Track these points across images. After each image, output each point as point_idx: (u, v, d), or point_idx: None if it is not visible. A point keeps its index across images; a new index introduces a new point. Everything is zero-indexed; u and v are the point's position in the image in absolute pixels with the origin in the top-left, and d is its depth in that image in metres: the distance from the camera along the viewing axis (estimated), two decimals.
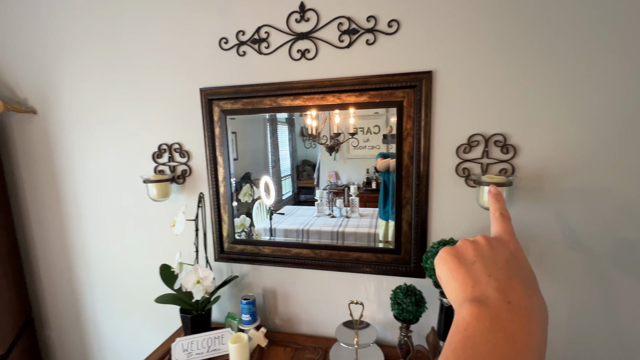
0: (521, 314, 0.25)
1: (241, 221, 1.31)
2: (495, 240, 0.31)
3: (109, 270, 1.43)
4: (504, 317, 0.24)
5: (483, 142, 0.98)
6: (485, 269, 0.28)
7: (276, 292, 1.26)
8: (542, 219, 0.97)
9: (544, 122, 0.92)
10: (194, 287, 1.02)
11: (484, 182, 0.91)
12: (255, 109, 1.14)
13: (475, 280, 0.28)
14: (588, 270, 0.96)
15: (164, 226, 1.28)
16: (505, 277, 0.27)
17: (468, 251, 0.30)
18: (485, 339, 0.24)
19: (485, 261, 0.29)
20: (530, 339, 0.24)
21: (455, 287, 0.29)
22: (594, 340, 0.98)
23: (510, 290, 0.26)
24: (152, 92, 1.23)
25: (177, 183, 1.26)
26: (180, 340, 1.06)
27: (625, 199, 0.90)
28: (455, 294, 0.29)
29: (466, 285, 0.28)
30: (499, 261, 0.29)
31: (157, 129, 1.25)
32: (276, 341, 1.17)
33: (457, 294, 0.28)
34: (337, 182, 1.24)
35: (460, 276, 0.29)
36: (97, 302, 1.49)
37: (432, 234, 1.06)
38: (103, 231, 1.40)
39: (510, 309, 0.25)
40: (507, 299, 0.25)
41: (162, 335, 1.26)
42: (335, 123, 1.14)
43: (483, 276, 0.28)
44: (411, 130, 1.02)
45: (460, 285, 0.28)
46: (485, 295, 0.26)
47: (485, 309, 0.25)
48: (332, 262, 1.15)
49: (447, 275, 0.30)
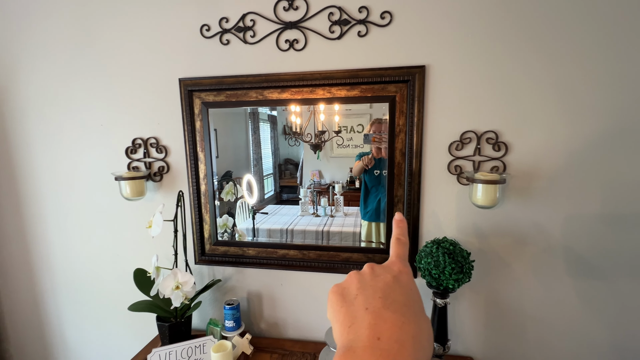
0: (389, 350, 0.23)
1: (224, 221, 1.23)
2: (380, 267, 0.31)
3: (77, 276, 1.31)
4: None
5: (475, 139, 0.96)
6: (364, 301, 0.27)
7: (262, 296, 1.19)
8: (533, 216, 0.96)
9: (536, 120, 0.92)
10: (172, 293, 0.94)
11: (477, 180, 0.89)
12: (240, 102, 1.07)
13: (352, 319, 0.26)
14: (578, 267, 0.97)
15: (140, 227, 1.19)
16: (380, 306, 0.26)
17: (353, 284, 0.30)
18: None
19: (366, 292, 0.28)
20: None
21: (336, 330, 0.27)
22: (573, 338, 1.00)
23: (383, 323, 0.25)
24: (125, 81, 1.13)
25: (153, 181, 1.17)
26: (157, 350, 0.98)
27: (615, 197, 0.92)
28: (337, 337, 0.27)
29: (344, 326, 0.26)
30: (377, 289, 0.28)
31: (131, 121, 1.15)
32: (262, 347, 1.11)
33: (337, 338, 0.27)
34: (320, 181, 1.20)
35: (341, 316, 0.27)
36: (63, 311, 1.36)
37: (424, 233, 1.03)
38: (70, 233, 1.28)
39: (378, 346, 0.23)
40: (377, 335, 0.24)
41: (137, 346, 1.16)
42: (320, 120, 1.11)
43: (360, 311, 0.27)
44: (403, 127, 0.99)
45: (340, 327, 0.27)
46: (357, 336, 0.25)
47: (352, 355, 0.24)
48: (320, 263, 1.11)
49: (332, 317, 0.29)
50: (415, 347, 0.24)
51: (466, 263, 0.84)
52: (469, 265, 0.84)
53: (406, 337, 0.24)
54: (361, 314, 0.26)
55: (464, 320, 1.06)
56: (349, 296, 0.29)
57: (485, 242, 1.00)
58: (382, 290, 0.28)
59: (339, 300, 0.29)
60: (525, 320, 1.02)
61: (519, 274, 1.00)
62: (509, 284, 1.01)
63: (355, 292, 0.28)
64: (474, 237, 1.01)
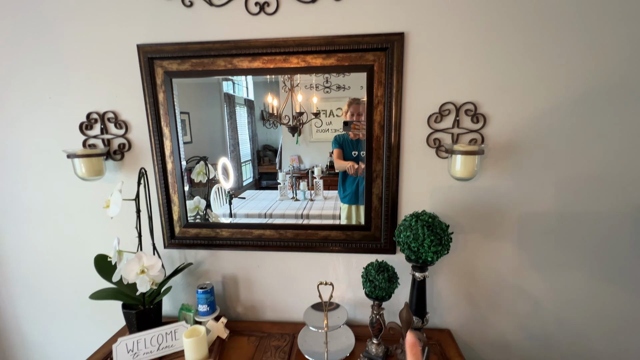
0: None
1: (195, 203, 1.16)
2: None
3: (30, 266, 1.20)
4: None
5: (454, 111, 0.94)
6: None
7: (237, 279, 1.15)
8: (510, 188, 0.97)
9: (514, 90, 0.91)
10: (137, 277, 0.87)
11: (456, 151, 0.88)
12: (207, 71, 0.98)
13: None
14: (556, 238, 0.99)
15: (99, 210, 1.09)
16: None
17: None
18: None
19: None
20: None
21: None
22: (548, 309, 1.03)
23: None
24: (75, 47, 1.00)
25: (113, 159, 1.07)
26: (124, 339, 0.92)
27: (592, 165, 0.93)
28: None
29: None
30: None
31: (84, 94, 1.03)
32: (239, 331, 1.07)
33: None
34: (299, 167, 1.17)
35: None
36: (18, 304, 1.25)
37: (403, 207, 1.02)
38: (20, 219, 1.16)
39: None
40: None
41: (105, 336, 1.08)
42: (297, 101, 1.06)
43: None
44: (382, 98, 0.95)
45: None
46: None
47: None
48: (298, 242, 1.07)
49: None
50: None
51: (445, 235, 0.82)
52: (447, 237, 0.83)
53: None
54: None
55: (441, 293, 1.07)
56: None
57: (463, 215, 1.00)
58: None
59: None
60: (502, 292, 1.04)
61: (497, 245, 1.01)
62: (486, 256, 1.02)
63: None
64: (452, 210, 1.00)
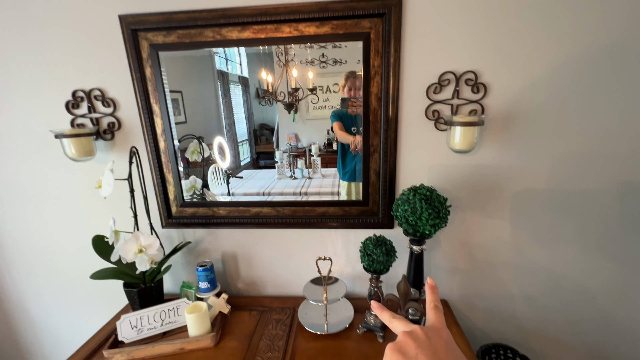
0: None
1: (191, 183, 1.15)
2: (430, 331, 0.34)
3: (29, 249, 1.20)
4: None
5: (454, 80, 0.90)
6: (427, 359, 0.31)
7: (237, 256, 1.15)
8: (510, 160, 0.95)
9: (517, 57, 0.87)
10: (136, 257, 0.87)
11: (455, 123, 0.85)
12: (195, 43, 0.93)
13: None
14: (552, 208, 0.98)
15: (93, 191, 1.07)
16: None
17: (409, 344, 0.33)
18: None
19: (426, 352, 0.32)
20: None
21: None
22: (546, 279, 1.05)
23: None
24: (54, 19, 0.95)
25: (104, 139, 1.04)
26: (127, 316, 0.93)
27: (596, 138, 0.91)
28: None
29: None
30: (438, 351, 0.32)
31: (68, 70, 0.99)
32: (240, 306, 1.10)
33: None
34: (297, 145, 1.15)
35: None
36: (21, 285, 1.26)
37: (401, 182, 1.00)
38: (15, 203, 1.14)
39: None
40: None
41: (108, 315, 1.11)
42: (292, 77, 1.02)
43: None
44: (379, 68, 0.91)
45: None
46: None
47: None
48: (296, 219, 1.06)
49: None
50: None
51: (443, 208, 0.82)
52: (445, 210, 0.83)
53: None
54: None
55: (439, 266, 1.08)
56: (409, 354, 0.32)
57: (461, 189, 0.99)
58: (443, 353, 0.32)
59: (401, 357, 0.32)
60: (499, 264, 1.05)
61: (494, 218, 1.01)
62: (484, 229, 1.02)
63: (415, 351, 0.32)
64: (451, 184, 0.99)
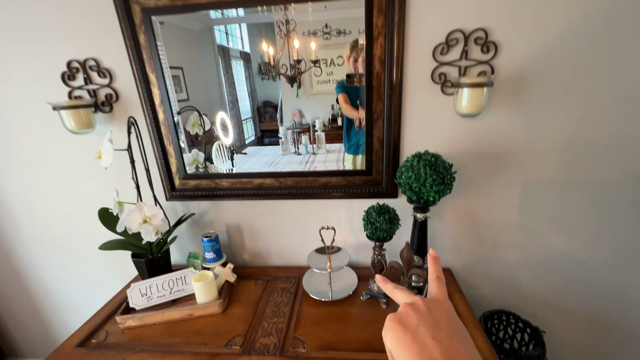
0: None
1: (194, 156, 1.14)
2: (431, 302, 0.33)
3: (40, 222, 1.23)
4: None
5: (462, 40, 0.85)
6: (428, 331, 0.30)
7: (241, 228, 1.16)
8: (520, 126, 0.91)
9: (531, 14, 0.81)
10: (140, 227, 0.89)
11: (463, 84, 0.81)
12: (189, 6, 0.88)
13: (420, 346, 0.29)
14: (563, 174, 0.95)
15: (95, 163, 1.08)
16: (447, 338, 0.29)
17: (410, 315, 0.32)
18: None
19: (427, 323, 0.31)
20: None
21: (403, 355, 0.30)
22: (551, 249, 1.03)
23: (454, 352, 0.28)
24: None
25: (102, 112, 1.03)
26: (137, 285, 0.96)
27: (607, 102, 0.86)
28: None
29: (413, 352, 0.29)
30: (439, 323, 0.31)
31: (59, 40, 0.96)
32: (246, 276, 1.12)
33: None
34: (301, 121, 1.12)
35: (407, 343, 0.30)
36: (35, 258, 1.31)
37: (405, 150, 0.98)
38: (20, 177, 1.16)
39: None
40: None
41: (124, 282, 1.15)
42: (294, 48, 0.97)
43: (428, 339, 0.29)
44: (382, 28, 0.86)
45: (408, 353, 0.29)
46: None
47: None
48: (299, 189, 1.06)
49: (395, 345, 0.31)
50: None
51: (448, 174, 0.80)
52: (450, 176, 0.81)
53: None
54: (429, 342, 0.29)
55: (443, 234, 1.08)
56: (410, 325, 0.31)
57: (467, 155, 0.96)
58: (444, 325, 0.31)
59: (402, 328, 0.31)
60: (504, 233, 1.04)
61: (500, 186, 0.99)
62: (490, 197, 1.01)
63: (416, 322, 0.31)
64: (457, 150, 0.96)
